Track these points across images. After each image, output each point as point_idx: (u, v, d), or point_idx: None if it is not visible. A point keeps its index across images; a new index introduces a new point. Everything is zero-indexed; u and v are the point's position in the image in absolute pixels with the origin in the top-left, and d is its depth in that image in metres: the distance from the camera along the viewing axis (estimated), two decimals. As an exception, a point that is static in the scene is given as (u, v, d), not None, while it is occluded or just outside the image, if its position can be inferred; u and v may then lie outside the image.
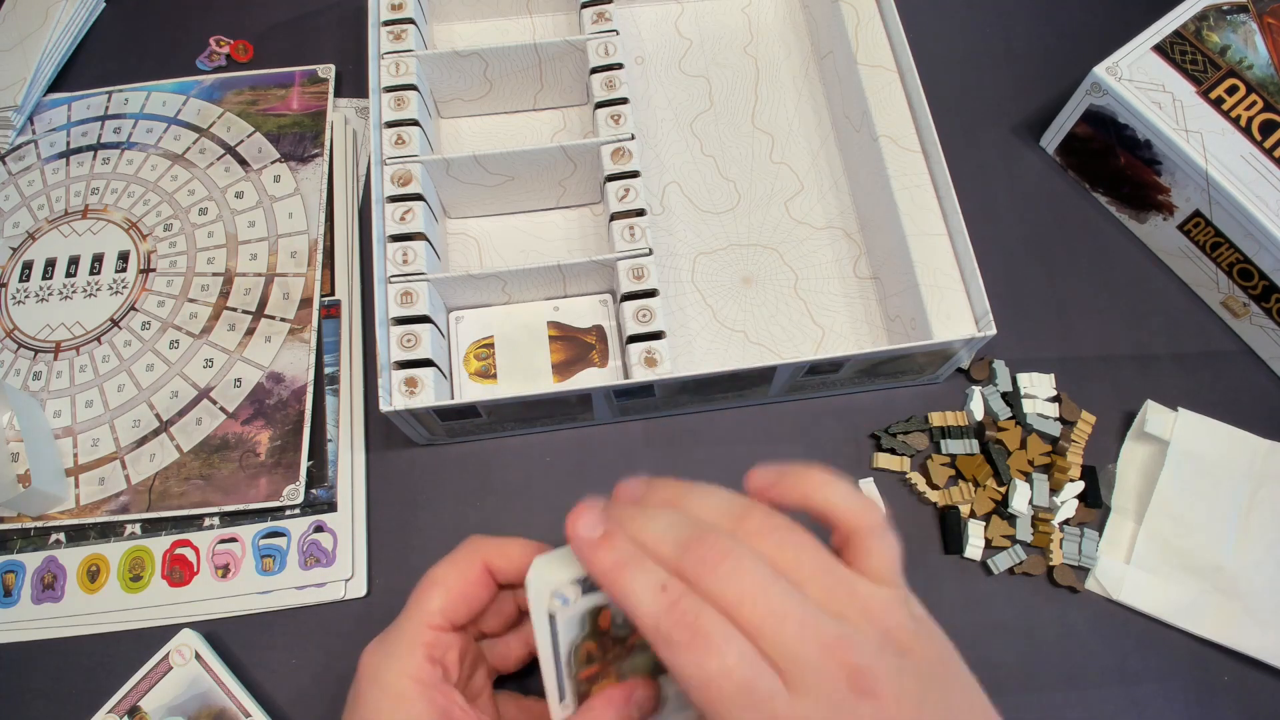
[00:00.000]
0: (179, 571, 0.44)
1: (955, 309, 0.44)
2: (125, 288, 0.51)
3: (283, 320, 0.49)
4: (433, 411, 0.42)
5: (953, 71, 0.57)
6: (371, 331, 0.49)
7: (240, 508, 0.45)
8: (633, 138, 0.48)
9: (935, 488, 0.46)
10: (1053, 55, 0.58)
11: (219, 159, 0.54)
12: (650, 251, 0.45)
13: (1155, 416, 0.46)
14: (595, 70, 0.49)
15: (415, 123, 0.47)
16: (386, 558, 0.45)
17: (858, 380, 0.47)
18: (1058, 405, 0.48)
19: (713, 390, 0.45)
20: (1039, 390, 0.48)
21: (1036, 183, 0.54)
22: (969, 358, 0.48)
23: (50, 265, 0.51)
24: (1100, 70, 0.48)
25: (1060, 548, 0.44)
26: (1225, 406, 0.47)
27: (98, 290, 0.51)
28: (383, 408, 0.41)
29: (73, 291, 0.51)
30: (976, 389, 0.48)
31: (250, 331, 0.49)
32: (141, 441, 0.47)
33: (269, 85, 0.56)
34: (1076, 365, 0.49)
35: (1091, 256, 0.52)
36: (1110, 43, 0.49)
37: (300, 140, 0.54)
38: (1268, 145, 0.46)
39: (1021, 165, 0.55)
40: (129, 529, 0.45)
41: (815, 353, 0.48)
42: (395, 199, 0.46)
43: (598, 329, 0.49)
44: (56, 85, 0.57)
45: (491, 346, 0.48)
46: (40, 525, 0.45)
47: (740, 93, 0.56)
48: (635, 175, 0.47)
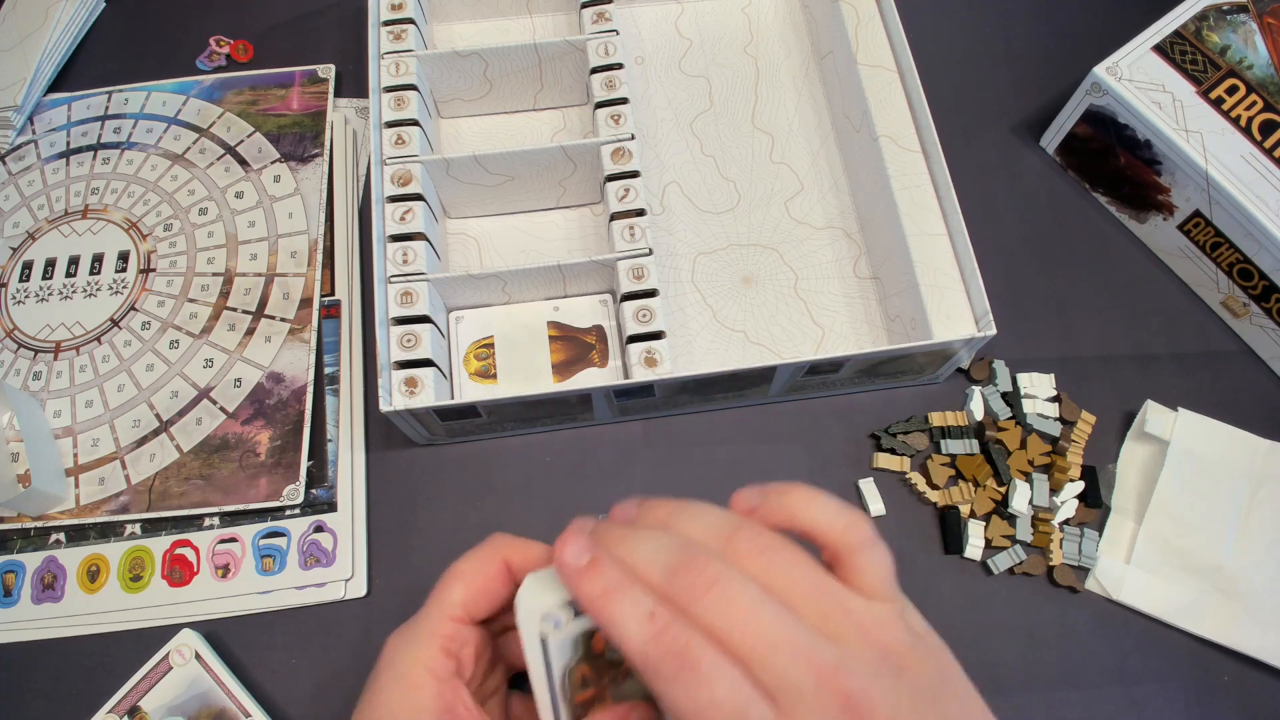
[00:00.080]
0: (179, 571, 0.44)
1: (955, 309, 0.44)
2: (125, 288, 0.51)
3: (283, 320, 0.49)
4: (433, 411, 0.42)
5: (953, 71, 0.57)
6: (371, 331, 0.49)
7: (240, 508, 0.45)
8: (633, 138, 0.48)
9: (935, 488, 0.46)
10: (1053, 55, 0.58)
11: (219, 159, 0.54)
12: (650, 251, 0.45)
13: (1155, 416, 0.46)
14: (595, 70, 0.49)
15: (415, 123, 0.47)
16: (386, 558, 0.45)
17: (858, 380, 0.47)
18: (1058, 405, 0.48)
19: (713, 390, 0.45)
20: (1039, 390, 0.48)
21: (1036, 183, 0.54)
22: (969, 358, 0.48)
23: (50, 265, 0.51)
24: (1100, 70, 0.48)
25: (1060, 548, 0.44)
26: (1225, 406, 0.47)
27: (98, 290, 0.51)
28: (383, 408, 0.41)
29: (73, 291, 0.51)
30: (976, 389, 0.48)
31: (250, 331, 0.49)
32: (141, 441, 0.47)
33: (269, 85, 0.56)
34: (1076, 365, 0.49)
35: (1091, 256, 0.52)
36: (1110, 43, 0.49)
37: (300, 140, 0.54)
38: (1268, 145, 0.46)
39: (1021, 165, 0.55)
40: (129, 529, 0.45)
41: (815, 353, 0.48)
42: (395, 199, 0.46)
43: (598, 329, 0.49)
44: (56, 85, 0.57)
45: (491, 346, 0.48)
46: (40, 525, 0.45)
47: (740, 93, 0.56)
48: (635, 175, 0.47)
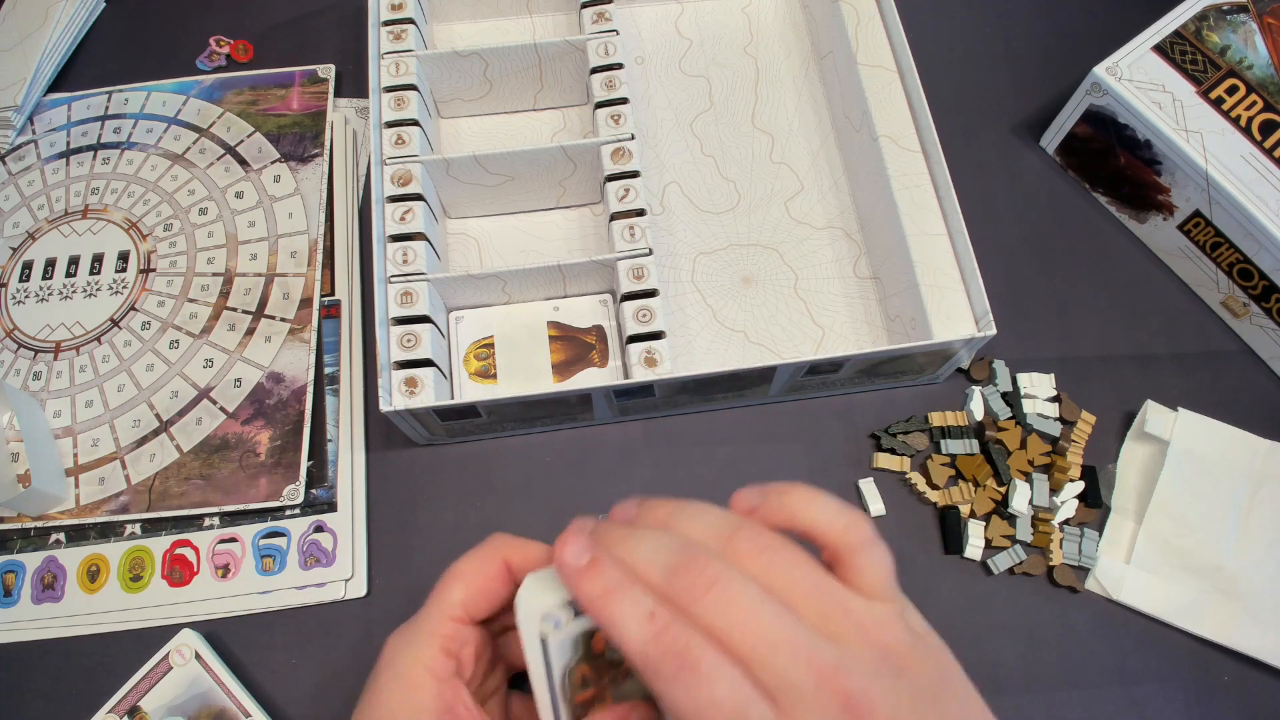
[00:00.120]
0: (179, 571, 0.44)
1: (955, 309, 0.44)
2: (125, 288, 0.51)
3: (283, 320, 0.49)
4: (433, 411, 0.42)
5: (953, 71, 0.57)
6: (371, 331, 0.49)
7: (240, 508, 0.45)
8: (633, 138, 0.48)
9: (935, 488, 0.46)
10: (1053, 55, 0.58)
11: (219, 159, 0.54)
12: (650, 251, 0.45)
13: (1155, 416, 0.46)
14: (595, 70, 0.49)
15: (415, 123, 0.47)
16: (386, 558, 0.45)
17: (858, 380, 0.47)
18: (1058, 405, 0.48)
19: (713, 390, 0.45)
20: (1039, 390, 0.48)
21: (1036, 183, 0.54)
22: (969, 358, 0.48)
23: (50, 265, 0.51)
24: (1100, 70, 0.48)
25: (1060, 548, 0.44)
26: (1225, 406, 0.47)
27: (98, 290, 0.51)
28: (383, 408, 0.41)
29: (73, 291, 0.51)
30: (976, 389, 0.48)
31: (250, 331, 0.49)
32: (141, 441, 0.47)
33: (269, 85, 0.56)
34: (1076, 365, 0.49)
35: (1091, 256, 0.52)
36: (1110, 43, 0.49)
37: (300, 140, 0.54)
38: (1268, 145, 0.46)
39: (1021, 165, 0.55)
40: (129, 529, 0.45)
41: (815, 353, 0.48)
42: (395, 199, 0.46)
43: (598, 329, 0.49)
44: (56, 85, 0.57)
45: (491, 346, 0.48)
46: (40, 525, 0.45)
47: (740, 93, 0.56)
48: (635, 175, 0.47)
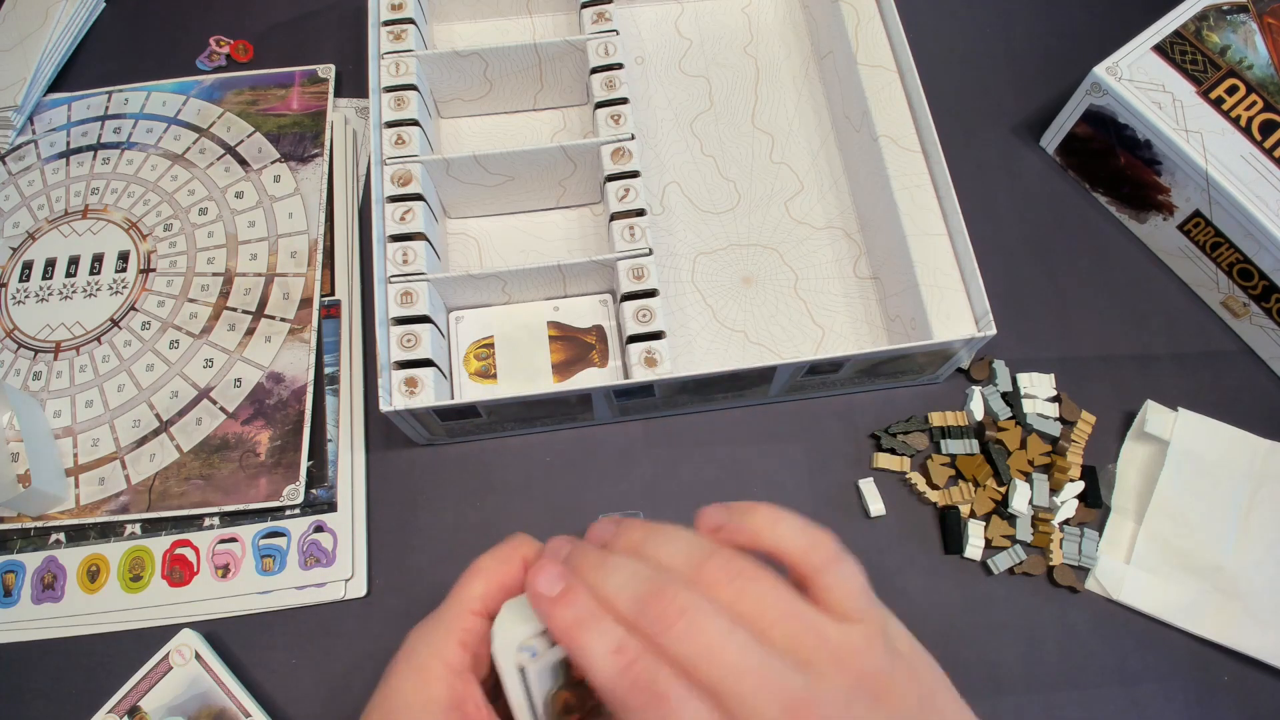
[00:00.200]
0: (179, 571, 0.44)
1: (955, 309, 0.44)
2: (125, 288, 0.51)
3: (283, 320, 0.49)
4: (433, 411, 0.42)
5: (953, 71, 0.57)
6: (371, 331, 0.49)
7: (240, 508, 0.45)
8: (633, 138, 0.48)
9: (935, 488, 0.46)
10: (1053, 55, 0.58)
11: (219, 159, 0.54)
12: (650, 251, 0.45)
13: (1155, 416, 0.46)
14: (595, 70, 0.49)
15: (415, 123, 0.47)
16: (386, 558, 0.45)
17: (858, 380, 0.47)
18: (1058, 405, 0.48)
19: (713, 390, 0.45)
20: (1039, 390, 0.48)
21: (1036, 183, 0.54)
22: (969, 358, 0.48)
23: (50, 265, 0.51)
24: (1100, 70, 0.48)
25: (1060, 548, 0.44)
26: (1225, 406, 0.47)
27: (98, 290, 0.51)
28: (383, 408, 0.41)
29: (73, 291, 0.51)
30: (976, 389, 0.48)
31: (250, 331, 0.49)
32: (141, 441, 0.47)
33: (269, 85, 0.56)
34: (1076, 365, 0.49)
35: (1091, 256, 0.52)
36: (1110, 43, 0.49)
37: (300, 140, 0.54)
38: (1268, 145, 0.46)
39: (1021, 165, 0.55)
40: (129, 529, 0.45)
41: (815, 353, 0.48)
42: (395, 199, 0.46)
43: (598, 329, 0.49)
44: (56, 85, 0.57)
45: (491, 346, 0.48)
46: (40, 525, 0.45)
47: (740, 93, 0.56)
48: (635, 175, 0.47)
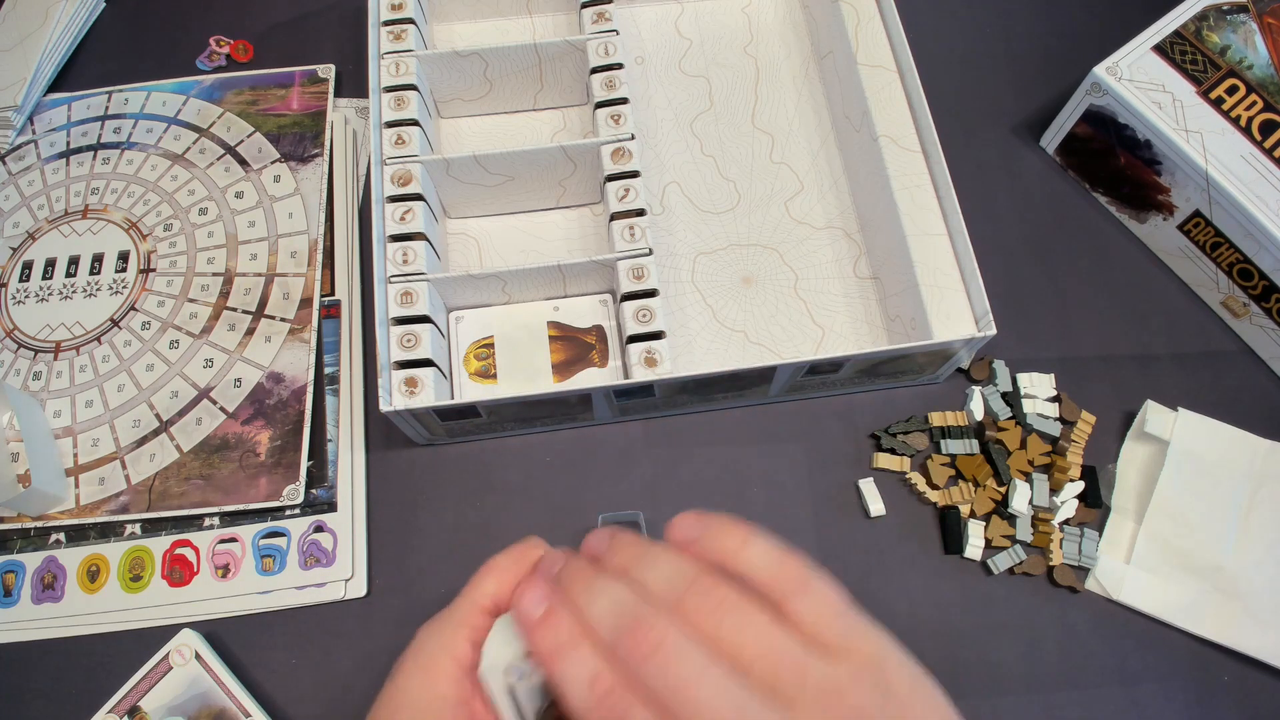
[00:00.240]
0: (179, 571, 0.44)
1: (955, 309, 0.44)
2: (125, 288, 0.51)
3: (283, 320, 0.49)
4: (433, 411, 0.42)
5: (953, 71, 0.57)
6: (371, 331, 0.49)
7: (240, 508, 0.45)
8: (633, 138, 0.48)
9: (935, 488, 0.46)
10: (1053, 55, 0.58)
11: (219, 159, 0.54)
12: (650, 251, 0.45)
13: (1155, 416, 0.46)
14: (595, 70, 0.49)
15: (415, 123, 0.47)
16: (386, 558, 0.45)
17: (858, 380, 0.47)
18: (1058, 405, 0.48)
19: (713, 390, 0.45)
20: (1039, 390, 0.48)
21: (1036, 183, 0.54)
22: (969, 358, 0.48)
23: (50, 265, 0.51)
24: (1100, 70, 0.48)
25: (1060, 548, 0.44)
26: (1225, 406, 0.47)
27: (98, 290, 0.51)
28: (383, 408, 0.41)
29: (73, 291, 0.51)
30: (976, 389, 0.48)
31: (250, 331, 0.49)
32: (141, 441, 0.47)
33: (269, 85, 0.56)
34: (1076, 365, 0.49)
35: (1091, 256, 0.52)
36: (1110, 43, 0.49)
37: (300, 140, 0.54)
38: (1268, 145, 0.46)
39: (1021, 165, 0.55)
40: (129, 529, 0.45)
41: (815, 353, 0.48)
42: (395, 199, 0.46)
43: (598, 329, 0.49)
44: (56, 85, 0.57)
45: (491, 346, 0.48)
46: (40, 525, 0.45)
47: (740, 93, 0.56)
48: (635, 175, 0.47)
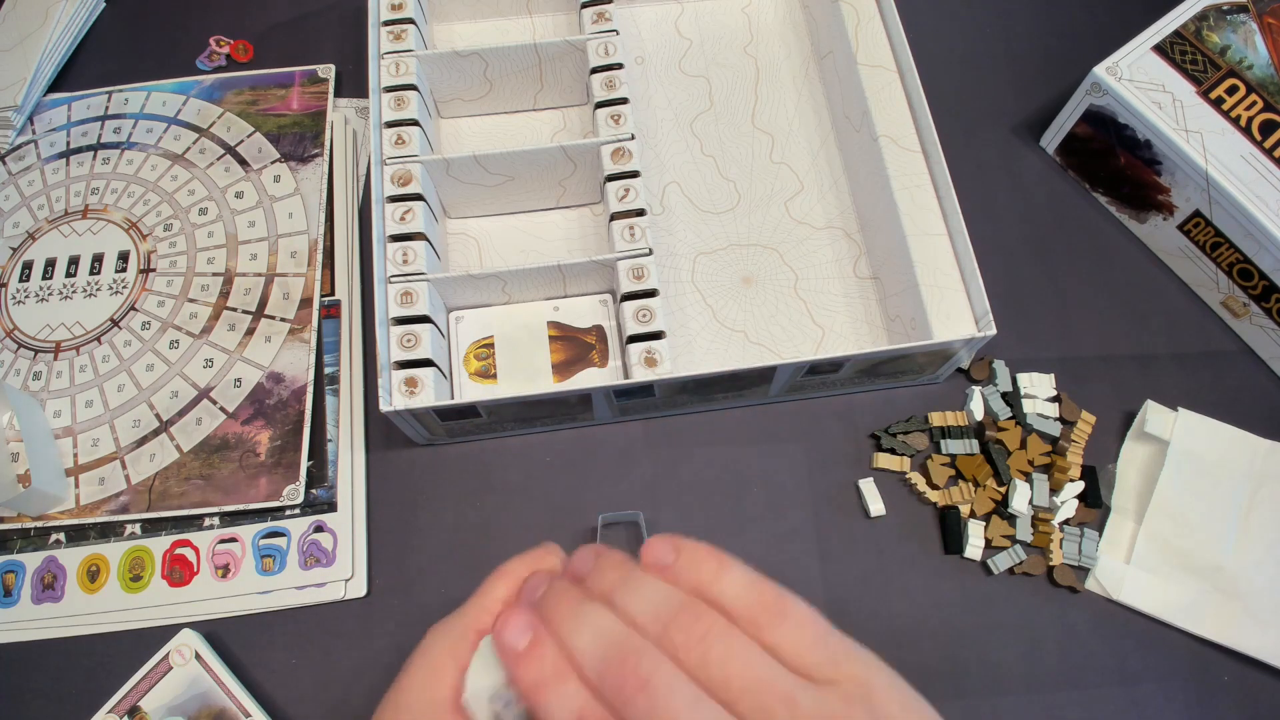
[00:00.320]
0: (179, 571, 0.44)
1: (955, 309, 0.44)
2: (125, 288, 0.51)
3: (283, 320, 0.49)
4: (433, 411, 0.42)
5: (953, 71, 0.57)
6: (371, 331, 0.49)
7: (240, 508, 0.45)
8: (633, 138, 0.48)
9: (935, 488, 0.46)
10: (1053, 55, 0.58)
11: (219, 159, 0.54)
12: (650, 251, 0.45)
13: (1155, 416, 0.46)
14: (595, 70, 0.49)
15: (415, 123, 0.47)
16: (386, 558, 0.45)
17: (858, 380, 0.47)
18: (1058, 405, 0.48)
19: (713, 390, 0.45)
20: (1039, 390, 0.48)
21: (1036, 183, 0.54)
22: (969, 358, 0.48)
23: (50, 265, 0.51)
24: (1100, 70, 0.48)
25: (1060, 548, 0.44)
26: (1225, 406, 0.47)
27: (98, 290, 0.51)
28: (383, 408, 0.41)
29: (73, 291, 0.51)
30: (976, 389, 0.48)
31: (250, 331, 0.49)
32: (141, 441, 0.47)
33: (269, 85, 0.56)
34: (1076, 365, 0.49)
35: (1091, 256, 0.52)
36: (1110, 43, 0.49)
37: (300, 140, 0.54)
38: (1268, 145, 0.46)
39: (1021, 165, 0.55)
40: (129, 529, 0.45)
41: (815, 353, 0.48)
42: (395, 199, 0.46)
43: (598, 329, 0.49)
44: (56, 85, 0.57)
45: (491, 346, 0.48)
46: (40, 525, 0.45)
47: (740, 93, 0.56)
48: (635, 175, 0.47)
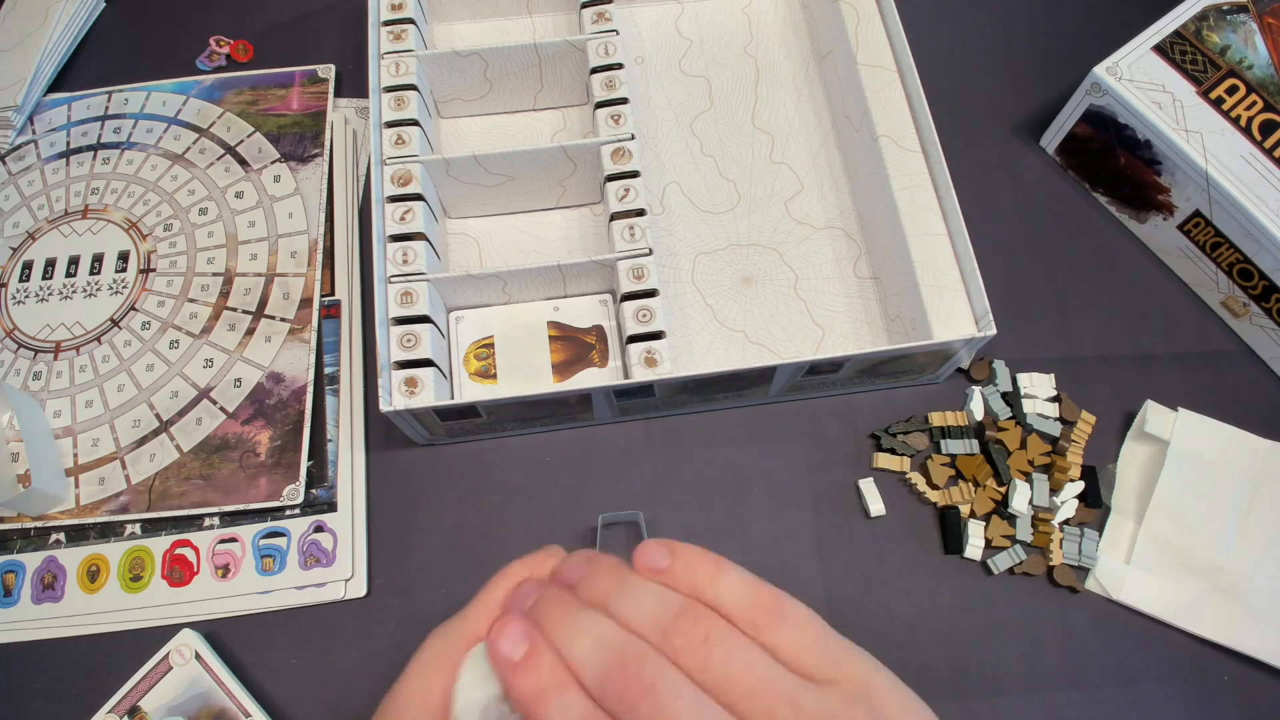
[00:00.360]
0: (179, 571, 0.44)
1: (955, 309, 0.44)
2: (125, 288, 0.51)
3: (283, 320, 0.49)
4: (433, 411, 0.42)
5: (953, 71, 0.57)
6: (371, 331, 0.49)
7: (240, 508, 0.45)
8: (633, 138, 0.48)
9: (935, 488, 0.46)
10: (1053, 55, 0.58)
11: (219, 159, 0.54)
12: (650, 251, 0.45)
13: (1155, 416, 0.46)
14: (595, 70, 0.49)
15: (415, 123, 0.47)
16: (386, 558, 0.45)
17: (858, 380, 0.47)
18: (1058, 405, 0.48)
19: (713, 390, 0.45)
20: (1039, 390, 0.48)
21: (1036, 183, 0.54)
22: (969, 358, 0.48)
23: (50, 265, 0.51)
24: (1100, 70, 0.48)
25: (1060, 548, 0.44)
26: (1225, 406, 0.47)
27: (98, 290, 0.51)
28: (383, 408, 0.41)
29: (73, 291, 0.51)
30: (976, 389, 0.48)
31: (250, 331, 0.49)
32: (141, 441, 0.47)
33: (269, 85, 0.56)
34: (1076, 365, 0.49)
35: (1091, 256, 0.52)
36: (1110, 43, 0.49)
37: (300, 140, 0.54)
38: (1268, 145, 0.46)
39: (1021, 165, 0.55)
40: (129, 529, 0.45)
41: (815, 353, 0.48)
42: (395, 199, 0.46)
43: (598, 329, 0.49)
44: (56, 85, 0.57)
45: (491, 346, 0.48)
46: (40, 525, 0.45)
47: (740, 93, 0.56)
48: (635, 175, 0.47)
